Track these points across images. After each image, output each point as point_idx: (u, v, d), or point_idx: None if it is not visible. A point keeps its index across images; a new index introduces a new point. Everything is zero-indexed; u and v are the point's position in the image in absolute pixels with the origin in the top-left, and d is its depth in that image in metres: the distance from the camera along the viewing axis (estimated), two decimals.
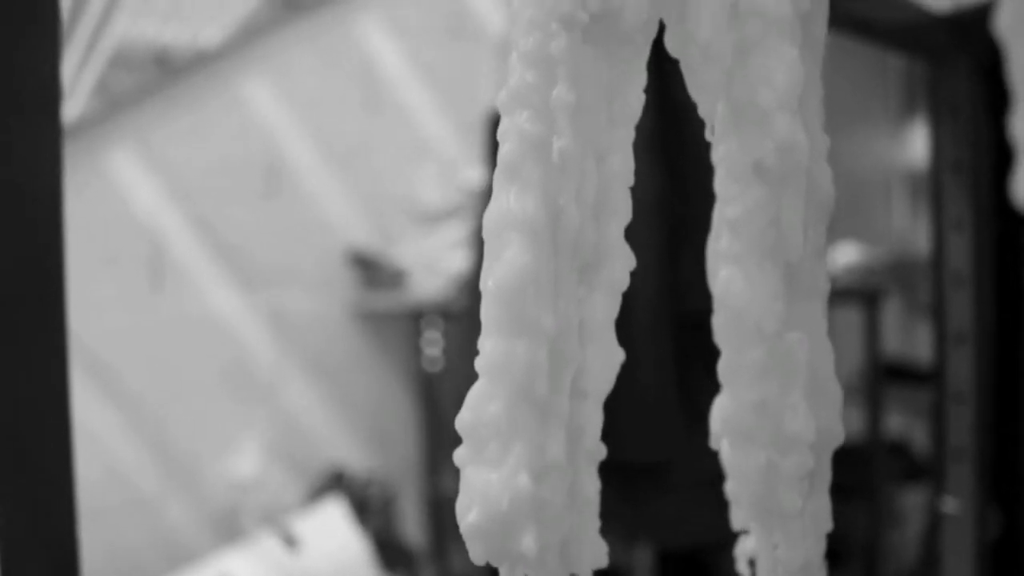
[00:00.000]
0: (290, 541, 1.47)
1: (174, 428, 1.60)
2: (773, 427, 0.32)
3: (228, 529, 1.60)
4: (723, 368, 0.33)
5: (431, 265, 1.65)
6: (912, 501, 1.90)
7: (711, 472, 0.40)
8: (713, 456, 0.36)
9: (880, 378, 1.79)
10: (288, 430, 1.71)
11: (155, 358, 1.60)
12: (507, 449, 0.28)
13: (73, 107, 1.52)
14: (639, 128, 0.30)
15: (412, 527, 1.80)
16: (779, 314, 0.31)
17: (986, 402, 0.99)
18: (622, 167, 0.30)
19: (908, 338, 2.18)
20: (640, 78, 0.30)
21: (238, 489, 1.61)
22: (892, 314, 2.04)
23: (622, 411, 1.14)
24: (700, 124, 0.31)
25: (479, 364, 0.29)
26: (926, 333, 2.02)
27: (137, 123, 1.62)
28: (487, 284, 0.29)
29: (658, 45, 0.31)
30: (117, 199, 1.60)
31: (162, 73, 1.64)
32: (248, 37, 1.72)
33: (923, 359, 2.03)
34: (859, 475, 1.72)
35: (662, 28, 0.32)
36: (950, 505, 1.02)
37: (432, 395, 1.77)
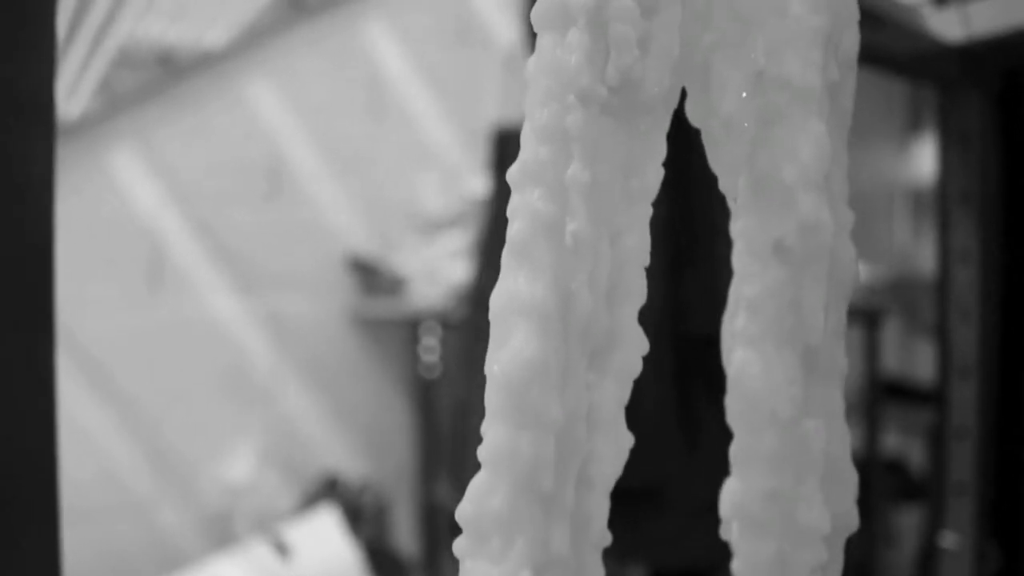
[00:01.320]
0: (282, 548, 1.45)
1: (169, 430, 1.59)
2: (786, 517, 0.30)
3: (221, 534, 1.58)
4: (736, 452, 0.31)
5: (431, 273, 1.63)
6: (907, 521, 1.88)
7: (709, 496, 0.39)
8: (711, 480, 0.35)
9: (879, 397, 1.77)
10: (283, 435, 1.69)
11: (152, 360, 1.58)
12: (509, 544, 0.27)
13: (75, 106, 1.50)
14: None
15: (405, 536, 1.78)
16: (796, 400, 0.30)
17: (989, 438, 0.98)
18: (638, 246, 0.28)
19: (908, 357, 2.16)
20: (660, 150, 0.29)
21: (232, 493, 1.60)
22: (892, 332, 2.03)
23: None
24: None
25: (482, 453, 0.27)
26: (926, 352, 2.01)
27: (139, 123, 1.60)
28: (492, 369, 0.27)
29: None
30: (117, 199, 1.58)
31: (166, 73, 1.62)
32: (253, 39, 1.70)
33: (922, 378, 2.01)
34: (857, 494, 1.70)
35: (684, 97, 0.30)
36: (949, 540, 1.01)
37: (429, 403, 1.75)
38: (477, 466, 0.28)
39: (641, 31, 0.27)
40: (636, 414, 1.00)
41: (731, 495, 0.32)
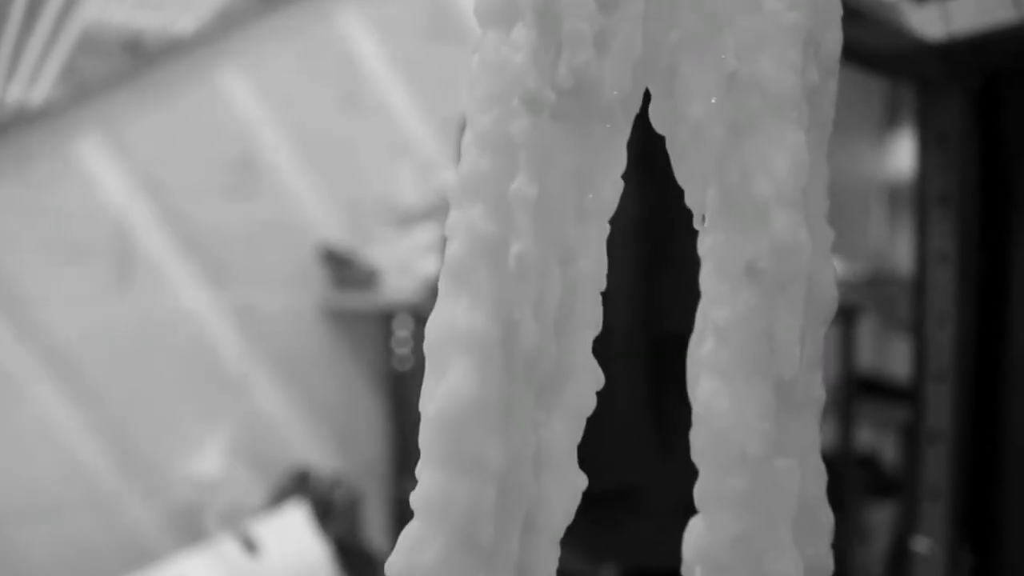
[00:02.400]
0: (250, 545, 1.42)
1: (137, 425, 1.54)
2: (754, 565, 0.27)
3: (190, 529, 1.54)
4: (700, 493, 0.28)
5: (405, 266, 1.59)
6: (880, 517, 1.87)
7: (684, 496, 0.36)
8: (686, 481, 0.32)
9: (853, 393, 1.76)
10: (254, 429, 1.65)
11: (120, 353, 1.54)
12: None
13: (38, 92, 1.45)
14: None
15: (377, 531, 1.75)
16: (767, 437, 0.27)
17: (963, 442, 0.96)
18: (593, 269, 0.25)
19: (883, 353, 2.15)
20: (619, 162, 0.25)
21: (200, 488, 1.56)
22: (867, 329, 2.01)
23: (593, 437, 1.10)
24: None
25: (414, 500, 0.24)
26: (901, 348, 2.00)
27: (106, 111, 1.55)
28: (426, 408, 0.24)
29: None
30: (84, 189, 1.53)
31: (134, 60, 1.57)
32: (225, 27, 1.64)
33: (897, 374, 2.00)
34: (829, 488, 1.69)
35: (647, 100, 0.27)
36: (922, 545, 0.99)
37: (402, 397, 1.72)
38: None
39: (598, 27, 0.24)
40: (610, 415, 0.97)
41: (695, 538, 0.29)
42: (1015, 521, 0.95)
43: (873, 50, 0.95)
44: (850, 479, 1.74)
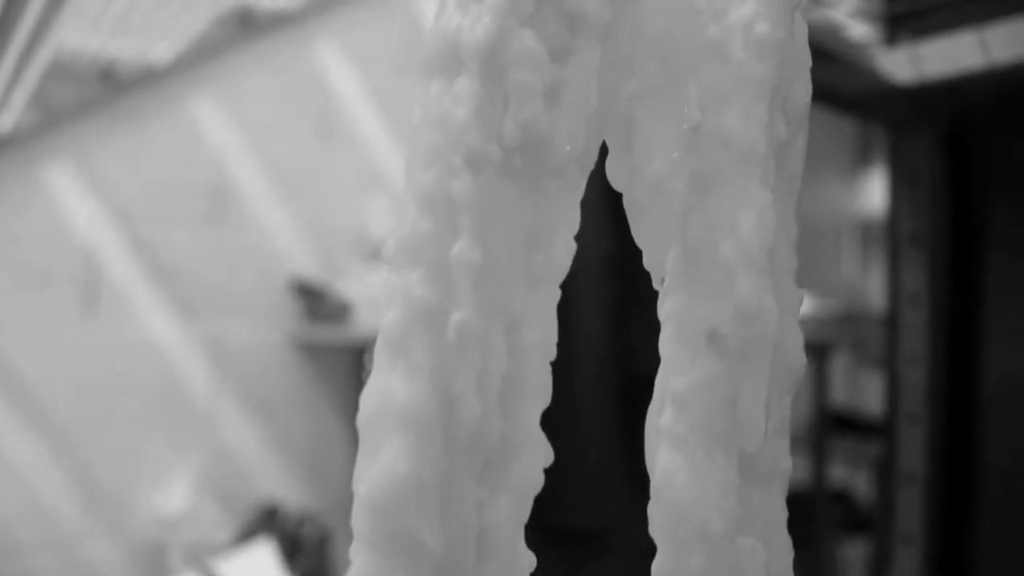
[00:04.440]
0: None
1: (100, 458, 1.50)
2: None
3: (154, 567, 1.50)
4: (657, 572, 0.26)
5: (377, 300, 1.57)
6: (852, 553, 1.86)
7: (652, 539, 0.35)
8: None
9: (826, 429, 1.75)
10: (221, 464, 1.61)
11: (83, 384, 1.50)
12: None
13: (7, 118, 1.42)
14: (590, 182, 0.24)
15: (346, 568, 1.70)
16: (729, 514, 0.25)
17: (937, 485, 0.94)
18: (541, 338, 0.23)
19: (855, 389, 2.15)
20: (572, 221, 0.23)
21: (166, 525, 1.51)
22: (840, 365, 2.01)
23: (564, 476, 1.08)
24: None
25: None
26: (873, 384, 1.99)
27: (78, 139, 1.52)
28: (359, 489, 0.22)
29: None
30: (52, 217, 1.50)
31: (106, 88, 1.55)
32: (199, 56, 1.63)
33: (870, 410, 2.00)
34: (801, 525, 1.67)
35: (604, 152, 0.25)
36: None
37: None
38: None
39: (550, 78, 0.22)
40: (580, 456, 0.95)
41: None
42: (989, 563, 0.94)
43: (844, 92, 0.95)
44: (822, 515, 1.73)
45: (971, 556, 0.93)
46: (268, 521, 1.58)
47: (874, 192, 2.20)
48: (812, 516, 1.69)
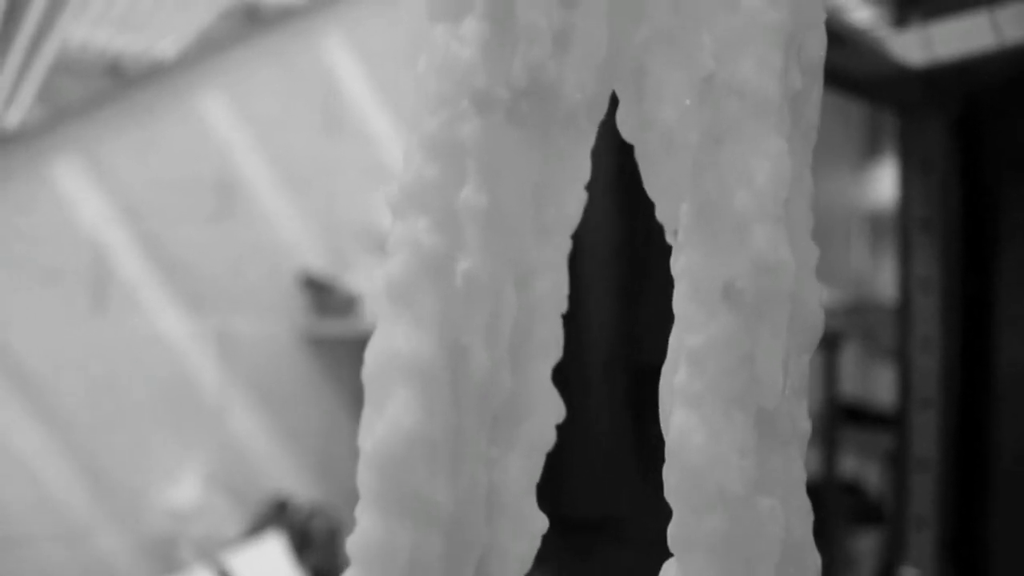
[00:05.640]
0: None
1: (111, 453, 1.50)
2: None
3: (164, 561, 1.50)
4: (674, 535, 0.25)
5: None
6: (864, 545, 1.84)
7: (664, 528, 0.34)
8: (667, 511, 0.29)
9: (837, 420, 1.74)
10: (231, 458, 1.61)
11: (93, 379, 1.50)
12: None
13: (15, 114, 1.42)
14: (599, 168, 0.24)
15: None
16: (747, 474, 0.24)
17: (950, 470, 0.93)
18: (552, 290, 0.22)
19: (866, 380, 2.13)
20: (582, 173, 0.23)
21: (176, 518, 1.51)
22: (850, 356, 1.99)
23: (575, 464, 1.07)
24: None
25: (351, 547, 0.21)
26: (884, 375, 1.98)
27: (85, 134, 1.52)
28: (365, 444, 0.21)
29: None
30: (60, 212, 1.49)
31: (113, 83, 1.54)
32: (206, 50, 1.62)
33: (880, 401, 1.98)
34: (814, 516, 1.66)
35: (614, 104, 0.24)
36: (909, 575, 0.96)
37: None
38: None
39: (559, 22, 0.21)
40: (590, 444, 0.94)
41: None
42: (1003, 549, 0.93)
43: (855, 76, 0.94)
44: (834, 507, 1.72)
45: (984, 541, 0.92)
46: (278, 515, 1.57)
47: (884, 182, 2.18)
48: (823, 508, 1.68)
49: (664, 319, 0.28)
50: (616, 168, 0.91)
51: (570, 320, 0.24)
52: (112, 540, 1.49)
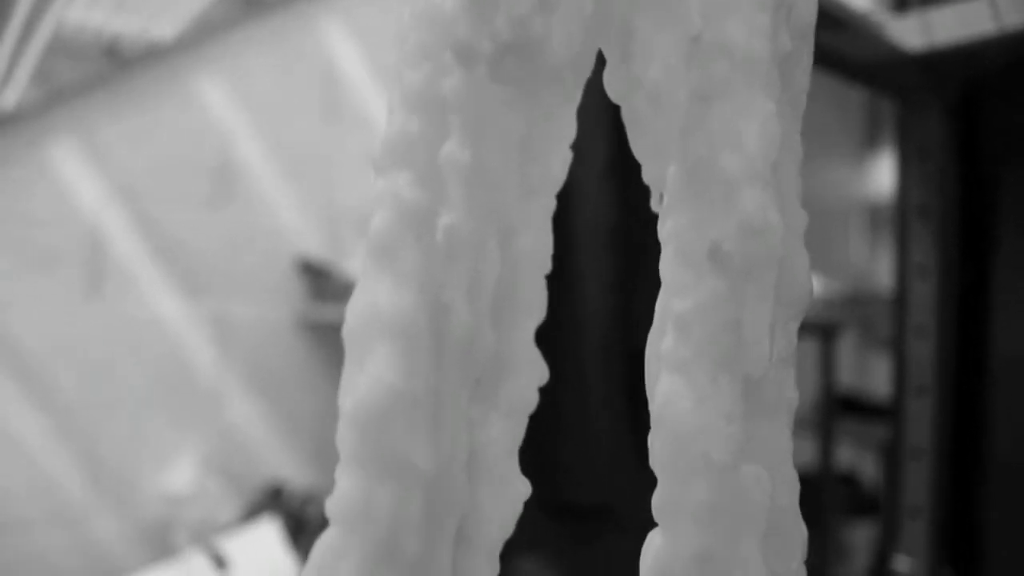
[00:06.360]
0: (219, 561, 1.37)
1: (106, 437, 1.50)
2: None
3: (159, 545, 1.50)
4: (659, 503, 0.25)
5: None
6: (859, 535, 1.85)
7: None
8: None
9: (833, 411, 1.74)
10: (227, 443, 1.61)
11: (90, 363, 1.49)
12: None
13: (10, 96, 1.41)
14: (594, 152, 0.23)
15: None
16: (734, 441, 0.24)
17: (945, 459, 0.93)
18: (536, 248, 0.22)
19: (862, 371, 2.13)
20: (567, 131, 0.22)
21: (172, 503, 1.51)
22: (847, 346, 1.99)
23: (571, 450, 1.07)
24: None
25: (330, 507, 0.21)
26: (880, 366, 1.98)
27: (82, 116, 1.51)
28: (344, 402, 0.21)
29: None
30: (56, 195, 1.49)
31: (110, 65, 1.54)
32: (204, 33, 1.61)
33: (877, 392, 1.98)
34: (808, 507, 1.66)
35: (601, 63, 0.24)
36: (903, 564, 0.96)
37: None
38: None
39: None
40: (587, 430, 0.93)
41: (653, 555, 0.25)
42: (997, 538, 0.93)
43: (853, 60, 0.93)
44: (829, 497, 1.72)
45: (979, 529, 0.92)
46: (273, 500, 1.57)
47: (883, 173, 2.18)
48: (818, 498, 1.68)
49: None
50: (613, 151, 0.91)
51: (567, 305, 0.23)
52: (107, 524, 1.50)
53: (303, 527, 1.55)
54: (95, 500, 1.49)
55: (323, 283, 1.63)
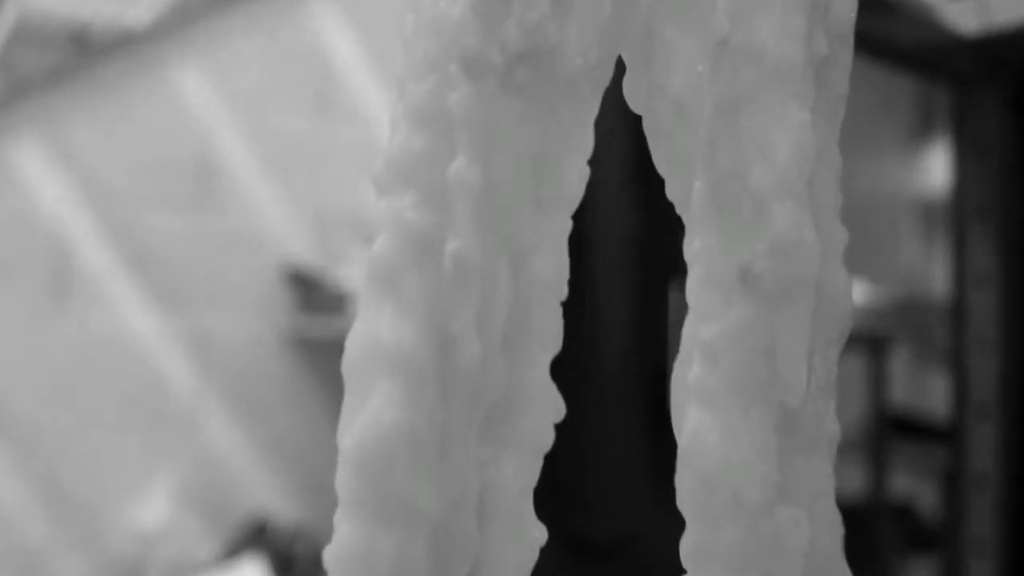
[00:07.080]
0: None
1: (72, 466, 1.51)
2: None
3: None
4: (687, 548, 0.26)
5: None
6: (918, 574, 1.85)
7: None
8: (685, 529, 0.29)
9: (886, 433, 1.74)
10: (205, 473, 1.62)
11: (53, 384, 1.51)
12: None
13: None
14: (615, 158, 0.24)
15: None
16: (768, 480, 0.24)
17: (1012, 487, 0.93)
18: (550, 273, 0.22)
19: (918, 388, 2.13)
20: (584, 144, 0.23)
21: (143, 541, 1.53)
22: (900, 361, 1.99)
23: (587, 481, 1.08)
24: None
25: (328, 555, 0.22)
26: (938, 383, 1.98)
27: (47, 110, 1.54)
28: (343, 441, 0.22)
29: None
30: (18, 196, 1.51)
31: (79, 54, 1.56)
32: (183, 19, 1.64)
33: (935, 412, 1.98)
34: (860, 542, 1.66)
35: (620, 71, 0.25)
36: None
37: None
38: None
39: None
40: (604, 459, 0.94)
41: None
42: None
43: (902, 46, 0.94)
44: (884, 531, 1.72)
45: None
46: (257, 536, 1.59)
47: (936, 167, 2.18)
48: (871, 532, 1.68)
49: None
50: (635, 159, 0.92)
51: (586, 324, 0.24)
52: (71, 563, 1.51)
53: (290, 567, 1.57)
54: (57, 536, 1.50)
55: (313, 294, 1.64)
